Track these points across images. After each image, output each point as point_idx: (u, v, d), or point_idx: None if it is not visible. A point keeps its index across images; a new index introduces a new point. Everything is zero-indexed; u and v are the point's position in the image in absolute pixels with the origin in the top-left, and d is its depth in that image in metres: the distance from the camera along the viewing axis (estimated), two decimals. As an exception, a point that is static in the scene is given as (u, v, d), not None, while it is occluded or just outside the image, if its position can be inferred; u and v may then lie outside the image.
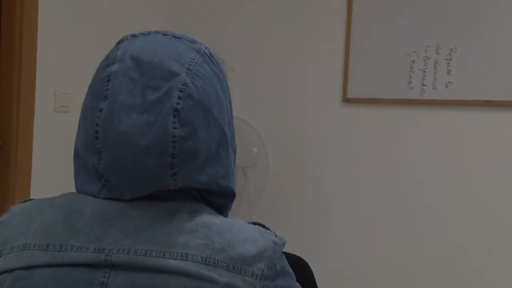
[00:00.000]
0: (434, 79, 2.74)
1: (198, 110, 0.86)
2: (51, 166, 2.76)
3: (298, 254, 1.47)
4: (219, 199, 0.94)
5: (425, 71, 2.76)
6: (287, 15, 3.13)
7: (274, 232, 0.90)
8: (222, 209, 0.96)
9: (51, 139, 2.76)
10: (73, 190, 0.97)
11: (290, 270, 0.90)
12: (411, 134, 2.82)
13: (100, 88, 0.88)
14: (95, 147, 0.87)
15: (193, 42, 0.93)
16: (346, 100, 2.94)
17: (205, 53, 0.92)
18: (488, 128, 2.66)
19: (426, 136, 2.79)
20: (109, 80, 0.87)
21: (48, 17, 2.71)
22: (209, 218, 0.86)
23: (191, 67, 0.88)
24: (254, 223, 0.91)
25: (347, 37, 2.93)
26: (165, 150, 0.84)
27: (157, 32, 0.94)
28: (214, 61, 0.94)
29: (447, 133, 2.75)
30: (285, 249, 0.93)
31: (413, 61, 2.78)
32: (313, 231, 3.05)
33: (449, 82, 2.71)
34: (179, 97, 0.85)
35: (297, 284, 0.91)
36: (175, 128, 0.84)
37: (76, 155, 0.92)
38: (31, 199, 0.94)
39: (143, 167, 0.84)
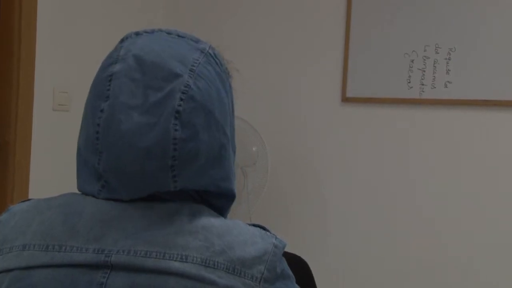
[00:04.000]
0: (433, 79, 2.74)
1: (200, 112, 0.86)
2: (50, 165, 2.76)
3: (296, 254, 1.47)
4: (219, 200, 0.94)
5: (424, 71, 2.76)
6: (286, 14, 3.12)
7: (274, 235, 0.90)
8: (221, 210, 0.96)
9: (50, 138, 2.76)
10: (72, 188, 0.97)
11: (290, 273, 0.90)
12: (410, 134, 2.82)
13: (102, 88, 0.88)
14: (95, 147, 0.87)
15: (197, 41, 0.93)
16: (345, 99, 2.94)
17: (209, 53, 0.92)
18: (487, 127, 2.67)
19: (425, 136, 2.79)
20: (110, 80, 0.87)
21: (47, 16, 2.71)
22: (209, 220, 0.86)
23: (194, 67, 0.88)
24: (254, 225, 0.91)
25: (346, 37, 2.93)
26: (166, 153, 0.84)
27: (161, 30, 0.94)
28: (217, 61, 0.94)
29: (446, 133, 2.75)
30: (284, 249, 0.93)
31: (412, 61, 2.78)
32: (312, 231, 3.05)
33: (448, 81, 2.71)
34: (181, 99, 0.85)
35: (297, 286, 0.91)
36: (176, 130, 0.84)
37: (78, 152, 0.92)
38: (30, 199, 0.94)
39: (142, 169, 0.84)
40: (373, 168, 2.90)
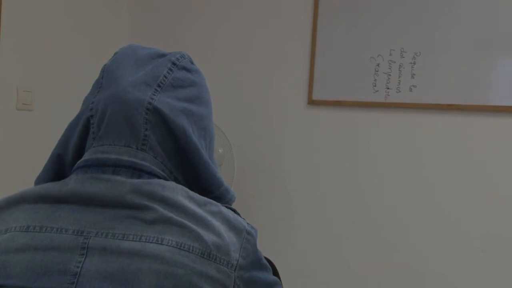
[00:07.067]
0: (399, 83, 2.77)
1: None
2: (13, 165, 2.72)
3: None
4: (192, 167, 0.95)
5: (390, 75, 2.78)
6: (252, 17, 3.13)
7: (246, 221, 0.92)
8: (205, 192, 0.97)
9: (12, 137, 2.71)
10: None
11: (267, 264, 0.91)
12: (375, 137, 2.84)
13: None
14: (97, 91, 0.94)
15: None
16: (312, 102, 2.95)
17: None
18: (450, 131, 2.70)
19: (390, 139, 2.81)
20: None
21: (10, 15, 2.66)
22: (186, 203, 0.87)
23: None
24: (227, 207, 0.92)
25: (313, 40, 2.95)
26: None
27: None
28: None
29: (410, 136, 2.78)
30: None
31: (378, 65, 2.80)
32: (277, 232, 3.05)
33: (413, 85, 2.74)
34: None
35: (274, 277, 0.92)
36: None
37: (56, 155, 0.97)
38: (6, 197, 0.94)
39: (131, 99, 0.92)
40: (338, 170, 2.92)
